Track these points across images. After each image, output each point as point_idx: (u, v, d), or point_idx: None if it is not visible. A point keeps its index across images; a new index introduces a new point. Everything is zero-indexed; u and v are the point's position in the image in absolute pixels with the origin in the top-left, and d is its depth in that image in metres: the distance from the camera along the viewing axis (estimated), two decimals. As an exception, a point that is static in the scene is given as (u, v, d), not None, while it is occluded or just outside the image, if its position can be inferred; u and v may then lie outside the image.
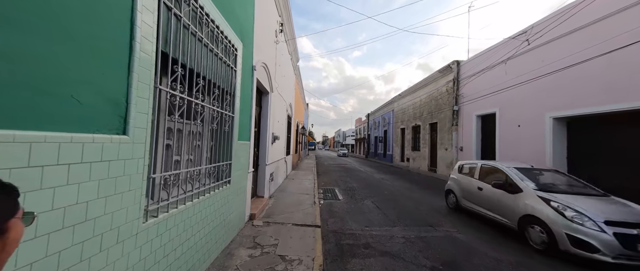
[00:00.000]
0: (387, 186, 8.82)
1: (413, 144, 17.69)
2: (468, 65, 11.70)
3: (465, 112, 11.82)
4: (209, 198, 2.61)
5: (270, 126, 5.66)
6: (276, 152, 6.78)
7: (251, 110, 4.01)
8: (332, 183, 9.09)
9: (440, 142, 13.69)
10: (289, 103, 9.40)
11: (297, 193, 6.54)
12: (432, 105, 14.72)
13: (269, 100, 5.56)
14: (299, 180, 8.99)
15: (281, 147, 7.84)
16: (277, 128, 6.85)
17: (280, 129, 7.51)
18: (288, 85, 9.11)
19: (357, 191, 7.69)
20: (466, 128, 11.74)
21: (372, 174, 12.58)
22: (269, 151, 5.71)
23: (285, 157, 8.78)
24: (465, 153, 11.71)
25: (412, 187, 8.76)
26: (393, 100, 22.02)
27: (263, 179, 5.41)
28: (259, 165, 5.45)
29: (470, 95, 11.47)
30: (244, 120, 3.70)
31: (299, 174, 10.54)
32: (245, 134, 3.79)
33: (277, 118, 6.79)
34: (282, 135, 7.82)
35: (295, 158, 14.25)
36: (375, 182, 9.70)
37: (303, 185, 7.83)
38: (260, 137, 5.48)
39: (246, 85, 3.76)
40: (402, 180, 10.72)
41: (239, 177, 3.43)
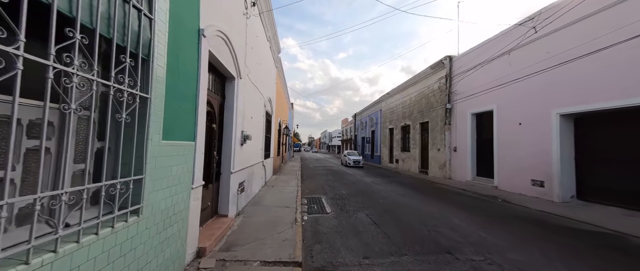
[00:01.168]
0: (380, 192, 7.76)
1: (402, 145, 16.94)
2: (462, 60, 11.02)
3: (459, 110, 11.13)
4: (82, 248, 1.31)
5: (237, 122, 4.36)
6: (248, 156, 5.47)
7: (197, 95, 2.70)
8: (318, 190, 7.89)
9: (432, 142, 12.96)
10: (268, 97, 8.09)
11: (274, 207, 5.25)
12: (423, 104, 14.00)
13: (236, 89, 4.26)
14: (279, 187, 7.70)
15: (257, 149, 6.52)
16: (250, 126, 5.54)
17: (256, 127, 6.21)
18: (267, 76, 7.81)
19: (347, 200, 6.54)
20: (460, 127, 11.04)
21: (361, 177, 11.54)
22: (237, 155, 4.40)
23: (262, 161, 7.46)
24: (459, 154, 11.00)
25: (407, 193, 7.77)
26: (381, 99, 21.27)
27: (227, 192, 4.09)
28: (221, 174, 4.12)
29: (464, 92, 10.78)
30: (182, 108, 2.40)
31: (280, 180, 9.23)
32: (185, 131, 2.48)
33: (250, 113, 5.49)
34: (257, 134, 6.51)
35: (277, 162, 12.90)
36: (366, 188, 8.62)
37: (284, 195, 6.55)
38: (224, 137, 4.16)
39: (187, 56, 2.46)
40: (394, 184, 9.75)
41: (164, 199, 2.12)
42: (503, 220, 5.10)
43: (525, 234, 4.24)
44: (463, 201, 6.89)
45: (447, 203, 6.44)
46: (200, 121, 2.75)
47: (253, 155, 6.04)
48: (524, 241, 3.88)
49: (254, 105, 5.88)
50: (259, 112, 6.63)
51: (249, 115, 5.33)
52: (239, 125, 4.52)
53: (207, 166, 3.52)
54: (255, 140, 6.20)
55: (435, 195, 7.71)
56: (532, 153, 7.58)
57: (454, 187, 9.28)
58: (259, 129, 6.82)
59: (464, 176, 10.50)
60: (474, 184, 9.64)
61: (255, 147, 6.25)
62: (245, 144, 4.98)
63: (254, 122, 5.97)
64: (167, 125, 2.10)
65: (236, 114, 4.28)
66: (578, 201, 6.65)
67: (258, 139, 6.70)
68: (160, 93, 1.97)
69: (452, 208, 5.88)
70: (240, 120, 4.60)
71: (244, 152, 4.96)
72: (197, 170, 2.72)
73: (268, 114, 8.47)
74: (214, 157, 3.76)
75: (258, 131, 6.65)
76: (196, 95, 2.69)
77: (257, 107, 6.42)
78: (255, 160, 6.29)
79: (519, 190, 7.85)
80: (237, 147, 4.45)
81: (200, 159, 2.81)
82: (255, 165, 6.36)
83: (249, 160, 5.51)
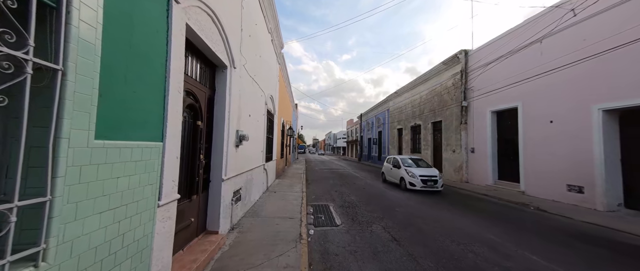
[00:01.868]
0: (394, 199, 6.97)
1: (412, 146, 16.08)
2: (479, 54, 10.16)
3: (477, 108, 10.26)
4: None
5: (231, 120, 3.67)
6: (246, 159, 4.78)
7: (166, 79, 2.01)
8: (325, 196, 7.15)
9: (446, 142, 12.09)
10: (270, 95, 7.42)
11: (276, 218, 4.54)
12: (435, 102, 13.15)
13: (228, 80, 3.58)
14: (282, 193, 6.99)
15: (256, 152, 5.83)
16: (249, 126, 4.86)
17: (255, 127, 5.52)
18: (268, 72, 7.14)
19: (358, 208, 5.78)
20: (478, 126, 10.16)
21: (371, 181, 10.74)
22: (231, 158, 3.71)
23: (264, 165, 6.77)
24: (477, 155, 10.12)
25: (424, 200, 6.96)
26: (388, 98, 20.44)
27: (217, 204, 3.39)
28: (211, 181, 3.43)
29: (482, 89, 9.91)
30: (139, 95, 1.70)
31: (284, 184, 8.53)
32: (145, 127, 1.79)
33: (248, 110, 4.81)
34: (257, 135, 5.83)
35: (281, 164, 12.21)
36: (378, 193, 7.84)
37: (287, 202, 5.83)
38: (214, 137, 3.48)
39: (146, 23, 1.78)
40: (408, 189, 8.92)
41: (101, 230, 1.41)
42: (548, 235, 4.26)
43: (587, 256, 3.41)
44: (490, 209, 6.05)
45: (473, 213, 5.62)
46: (171, 115, 2.05)
47: (252, 158, 5.35)
48: (592, 267, 3.06)
49: (252, 101, 5.20)
50: (259, 110, 5.95)
51: (246, 113, 4.65)
52: (233, 123, 3.83)
53: (188, 173, 2.83)
54: (254, 141, 5.52)
55: (457, 202, 6.88)
56: (567, 155, 6.69)
57: (474, 192, 8.42)
58: (259, 129, 6.14)
59: (484, 179, 9.61)
60: (496, 189, 8.76)
61: (254, 149, 5.56)
62: (242, 146, 4.29)
63: (253, 121, 5.29)
64: (107, 118, 1.41)
65: (229, 110, 3.59)
66: (627, 210, 5.74)
67: (258, 140, 6.02)
68: (89, 66, 1.28)
69: (481, 219, 5.07)
70: (235, 118, 3.91)
71: (240, 154, 4.27)
72: (167, 181, 2.02)
73: (270, 113, 7.80)
74: (200, 161, 3.07)
75: (258, 131, 5.97)
76: (165, 79, 2.00)
77: (257, 105, 5.74)
78: (254, 164, 5.60)
79: (552, 196, 6.96)
80: (231, 149, 3.76)
81: (173, 165, 2.12)
82: (255, 169, 5.67)
83: (246, 164, 4.82)
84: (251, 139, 5.13)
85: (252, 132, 5.19)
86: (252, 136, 5.20)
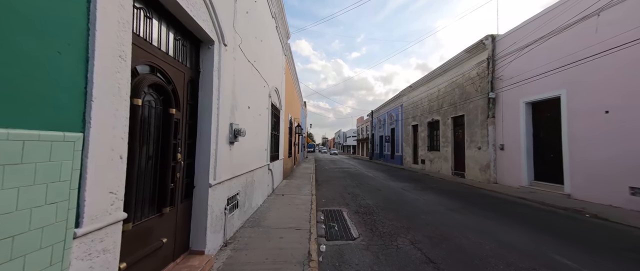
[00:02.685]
0: (417, 204, 6.07)
1: (430, 143, 14.96)
2: (510, 38, 8.99)
3: (507, 99, 9.11)
4: None
5: (222, 109, 2.93)
6: (245, 158, 4.05)
7: (89, 29, 1.27)
8: (337, 200, 6.34)
9: (470, 139, 10.96)
10: (275, 87, 6.68)
11: (280, 229, 3.78)
12: (456, 95, 12.01)
13: (217, 59, 2.84)
14: (289, 196, 6.24)
15: (258, 150, 5.10)
16: (248, 119, 4.13)
17: (257, 122, 4.80)
18: (272, 61, 6.40)
19: (377, 215, 4.95)
20: (509, 120, 9.02)
21: (386, 181, 9.83)
22: (223, 158, 2.98)
23: (268, 164, 6.04)
24: (508, 153, 8.99)
25: (454, 205, 6.01)
26: (402, 93, 19.32)
27: (203, 216, 2.66)
28: (195, 187, 2.70)
29: (514, 77, 8.76)
30: (32, 48, 0.96)
31: (291, 186, 7.79)
32: (47, 107, 1.05)
33: (247, 101, 4.07)
34: (260, 130, 5.10)
35: (289, 164, 11.51)
36: (397, 196, 6.95)
37: (294, 208, 5.08)
38: (199, 131, 2.75)
39: None
40: (430, 191, 7.97)
41: None
42: (632, 254, 3.27)
43: None
44: (536, 217, 5.04)
45: (517, 222, 4.66)
46: (101, 90, 1.31)
47: (253, 157, 4.62)
48: None
49: (252, 91, 4.46)
50: (261, 103, 5.22)
51: (244, 103, 3.91)
52: (225, 115, 3.09)
53: (156, 179, 2.10)
54: (256, 137, 4.79)
55: (492, 207, 5.89)
56: (629, 152, 5.56)
57: (508, 195, 7.36)
58: (263, 124, 5.41)
59: (516, 180, 8.50)
60: (533, 191, 7.65)
61: (256, 147, 4.84)
62: (238, 143, 3.55)
63: (253, 114, 4.55)
64: None
65: (219, 97, 2.86)
66: None
67: (261, 137, 5.30)
68: None
69: (533, 232, 4.11)
70: (228, 108, 3.18)
71: (236, 153, 3.54)
72: (94, 194, 1.29)
73: (275, 108, 7.06)
74: (178, 162, 2.34)
75: (261, 127, 5.24)
76: (87, 33, 1.26)
77: (259, 96, 5.01)
78: (256, 164, 4.87)
79: (608, 201, 5.84)
80: (223, 146, 3.02)
81: (108, 169, 1.38)
82: (257, 170, 4.95)
83: (245, 164, 4.09)
84: (251, 135, 4.40)
85: (252, 127, 4.46)
86: (252, 131, 4.46)
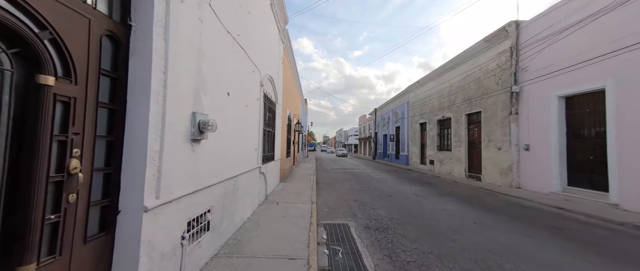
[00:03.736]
0: (438, 215, 5.03)
1: (440, 142, 13.89)
2: (539, 24, 7.89)
3: (534, 93, 8.03)
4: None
5: (172, 88, 1.89)
6: (221, 162, 3.01)
7: None
8: (342, 209, 5.31)
9: (487, 138, 9.89)
10: (268, 75, 5.64)
11: (267, 260, 2.75)
12: (471, 89, 10.93)
13: (163, 11, 1.79)
14: (284, 205, 5.21)
15: (244, 150, 4.07)
16: (226, 110, 3.09)
17: (242, 115, 3.76)
18: (264, 43, 5.37)
19: (393, 231, 3.91)
20: (536, 117, 7.95)
21: (395, 185, 8.79)
22: (177, 162, 1.95)
23: (260, 167, 5.01)
24: (534, 154, 7.92)
25: (484, 217, 4.96)
26: (408, 89, 18.22)
27: (132, 262, 1.63)
28: (120, 211, 1.67)
29: (543, 68, 7.68)
30: None
31: (289, 190, 6.76)
32: None
33: (225, 85, 3.03)
34: (246, 126, 4.06)
35: (288, 165, 10.48)
36: (413, 205, 5.90)
37: (289, 222, 4.04)
38: (127, 119, 1.71)
39: None
40: (448, 197, 6.92)
41: None
42: None
43: None
44: (597, 236, 3.99)
45: (580, 247, 3.60)
46: None
47: (237, 159, 3.59)
48: None
49: (234, 74, 3.42)
50: (249, 92, 4.18)
51: (220, 88, 2.87)
52: (182, 98, 2.06)
53: (10, 210, 1.07)
54: (242, 134, 3.76)
55: (534, 222, 4.84)
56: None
57: (541, 204, 6.31)
58: (251, 119, 4.38)
59: (545, 185, 7.44)
60: (568, 198, 6.59)
61: (242, 146, 3.80)
62: (206, 140, 2.52)
63: (237, 105, 3.52)
64: None
65: (169, 70, 1.83)
66: None
67: (250, 134, 4.26)
68: None
69: (614, 264, 3.06)
70: (187, 89, 2.15)
71: (204, 155, 2.51)
72: None
73: (269, 100, 6.03)
74: (73, 174, 1.31)
75: (250, 121, 4.21)
76: None
77: (245, 83, 3.97)
78: (242, 168, 3.84)
79: (674, 215, 4.78)
80: (177, 145, 2.00)
81: None
82: (243, 175, 3.92)
83: (224, 170, 3.06)
84: (234, 131, 3.37)
85: (235, 121, 3.43)
86: (235, 126, 3.43)
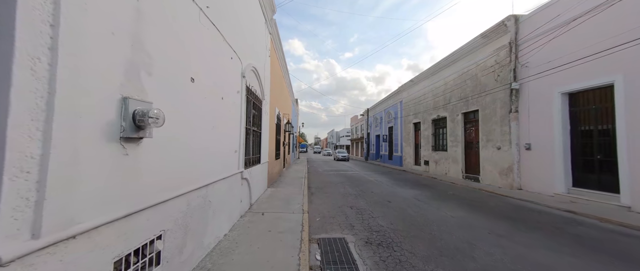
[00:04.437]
0: (446, 223, 4.45)
1: (434, 142, 13.52)
2: (540, 17, 7.56)
3: (535, 90, 7.69)
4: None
5: (74, 49, 1.17)
6: (182, 169, 2.28)
7: None
8: (338, 218, 4.65)
9: (486, 137, 9.52)
10: (253, 66, 4.92)
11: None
12: (468, 87, 10.57)
13: None
14: (271, 215, 4.49)
15: (221, 152, 3.33)
16: (190, 99, 2.36)
17: (214, 108, 3.03)
18: (247, 27, 4.65)
19: (399, 247, 3.28)
20: (537, 115, 7.60)
21: (392, 188, 8.23)
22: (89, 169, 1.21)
23: (242, 172, 4.28)
24: (536, 153, 7.56)
25: (496, 225, 4.43)
26: (401, 88, 17.85)
27: None
28: None
29: (545, 64, 7.34)
30: None
31: (277, 197, 6.04)
32: None
33: (186, 67, 2.31)
34: (223, 123, 3.33)
35: (277, 167, 9.73)
36: (414, 210, 5.31)
37: (275, 239, 3.33)
38: None
39: None
40: (451, 201, 6.41)
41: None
42: None
43: None
44: (622, 244, 3.51)
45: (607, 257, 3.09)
46: None
47: (207, 163, 2.85)
48: None
49: (202, 56, 2.70)
50: (225, 81, 3.45)
51: (175, 70, 2.16)
52: (92, 69, 1.35)
53: None
54: (215, 132, 3.03)
55: (550, 230, 4.34)
56: None
57: (549, 207, 5.88)
58: (230, 115, 3.64)
59: (548, 186, 7.08)
60: (575, 200, 6.22)
61: (214, 147, 3.07)
62: (151, 140, 1.79)
63: (207, 95, 2.79)
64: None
65: (59, 18, 1.11)
66: None
67: (227, 132, 3.54)
68: None
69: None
70: (115, 57, 1.44)
71: (147, 161, 1.78)
72: None
73: (254, 95, 5.30)
74: None
75: (227, 118, 3.48)
76: None
77: (219, 69, 3.24)
78: (216, 175, 3.11)
79: (695, 218, 4.42)
80: (84, 145, 1.28)
81: None
82: (218, 183, 3.18)
83: (185, 180, 2.33)
84: (203, 128, 2.64)
85: (205, 116, 2.70)
86: (204, 123, 2.71)
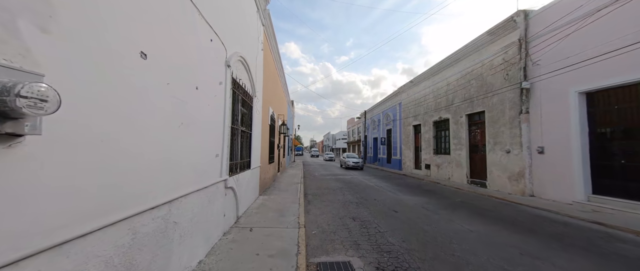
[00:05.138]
0: (466, 239, 3.79)
1: (436, 145, 12.97)
2: (553, 12, 7.08)
3: (548, 89, 7.18)
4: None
5: None
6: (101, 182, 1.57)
7: None
8: (339, 233, 3.94)
9: (493, 140, 8.98)
10: (240, 56, 4.23)
11: None
12: (473, 87, 10.06)
13: None
14: (260, 232, 3.76)
15: (195, 155, 2.61)
16: (136, 77, 1.65)
17: (184, 95, 2.32)
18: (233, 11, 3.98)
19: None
20: (551, 116, 7.08)
21: (395, 194, 7.57)
22: None
23: (226, 181, 3.55)
24: (550, 157, 7.02)
25: (524, 242, 3.79)
26: (400, 90, 17.34)
27: None
28: None
29: (559, 61, 6.84)
30: None
31: (269, 207, 5.31)
32: None
33: (143, 37, 1.61)
34: (198, 120, 2.62)
35: (271, 172, 8.99)
36: (425, 223, 4.65)
37: (263, 267, 2.62)
38: None
39: None
40: (462, 210, 5.77)
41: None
42: None
43: None
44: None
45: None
46: None
47: (169, 172, 2.15)
48: None
49: (155, 20, 2.01)
50: (200, 67, 2.76)
51: (104, 33, 1.46)
52: None
53: None
54: (188, 130, 2.33)
55: (588, 249, 3.73)
56: None
57: (572, 217, 5.30)
58: (208, 109, 2.94)
59: (565, 193, 6.53)
60: (596, 210, 5.66)
61: (182, 149, 2.36)
62: (41, 138, 1.10)
63: (167, 76, 2.10)
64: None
65: None
66: None
67: (205, 131, 2.83)
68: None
69: None
70: None
71: (36, 173, 1.08)
72: None
73: (242, 89, 4.59)
74: None
75: (203, 112, 2.78)
76: None
77: (190, 48, 2.55)
78: (183, 189, 2.40)
79: None
80: None
81: None
82: (186, 198, 2.47)
83: (127, 198, 1.62)
84: (157, 123, 1.93)
85: (161, 108, 2.00)
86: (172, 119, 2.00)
